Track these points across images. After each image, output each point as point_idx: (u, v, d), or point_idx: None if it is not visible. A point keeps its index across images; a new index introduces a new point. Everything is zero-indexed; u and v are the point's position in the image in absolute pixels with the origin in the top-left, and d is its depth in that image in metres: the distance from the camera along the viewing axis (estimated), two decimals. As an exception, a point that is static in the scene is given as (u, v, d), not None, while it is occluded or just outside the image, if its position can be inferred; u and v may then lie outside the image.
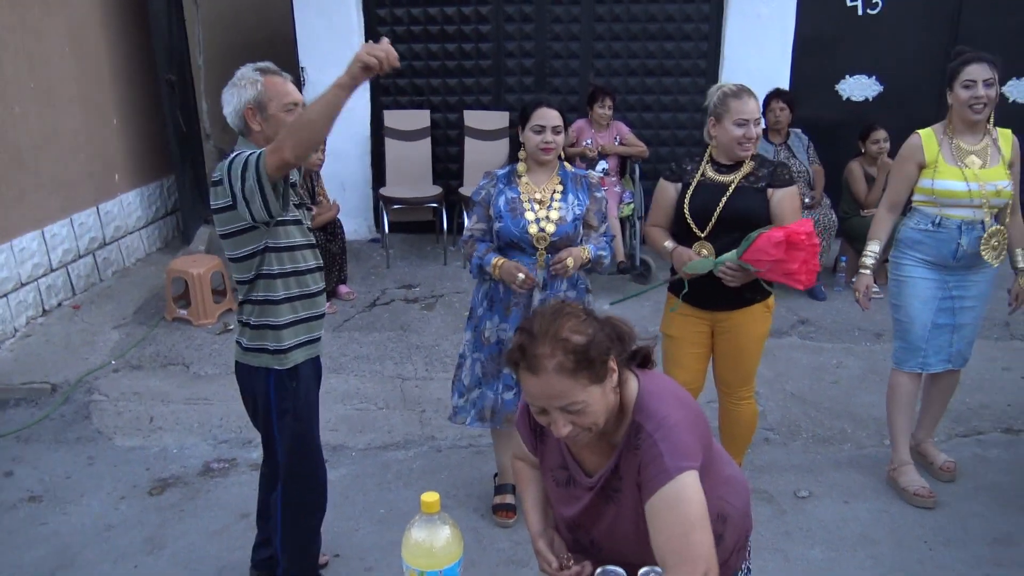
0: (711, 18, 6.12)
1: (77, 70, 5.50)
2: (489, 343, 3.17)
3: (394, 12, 6.32)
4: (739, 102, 2.99)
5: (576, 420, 1.64)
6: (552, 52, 6.32)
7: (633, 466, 1.70)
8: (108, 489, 3.68)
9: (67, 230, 5.39)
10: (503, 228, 3.05)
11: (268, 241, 2.47)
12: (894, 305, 3.48)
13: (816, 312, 5.38)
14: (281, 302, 2.54)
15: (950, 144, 3.26)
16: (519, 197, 3.07)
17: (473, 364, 3.25)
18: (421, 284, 5.79)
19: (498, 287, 3.12)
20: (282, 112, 2.48)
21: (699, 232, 3.08)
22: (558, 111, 3.04)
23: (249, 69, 2.52)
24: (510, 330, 3.13)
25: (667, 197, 3.18)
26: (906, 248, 3.40)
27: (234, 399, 4.32)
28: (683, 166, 3.19)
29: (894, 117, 5.81)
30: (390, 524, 3.39)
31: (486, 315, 3.17)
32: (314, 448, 2.77)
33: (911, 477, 3.54)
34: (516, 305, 3.12)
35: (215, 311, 5.19)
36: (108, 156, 5.86)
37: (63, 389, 4.47)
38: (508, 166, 3.20)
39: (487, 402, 3.21)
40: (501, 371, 3.17)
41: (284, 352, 2.58)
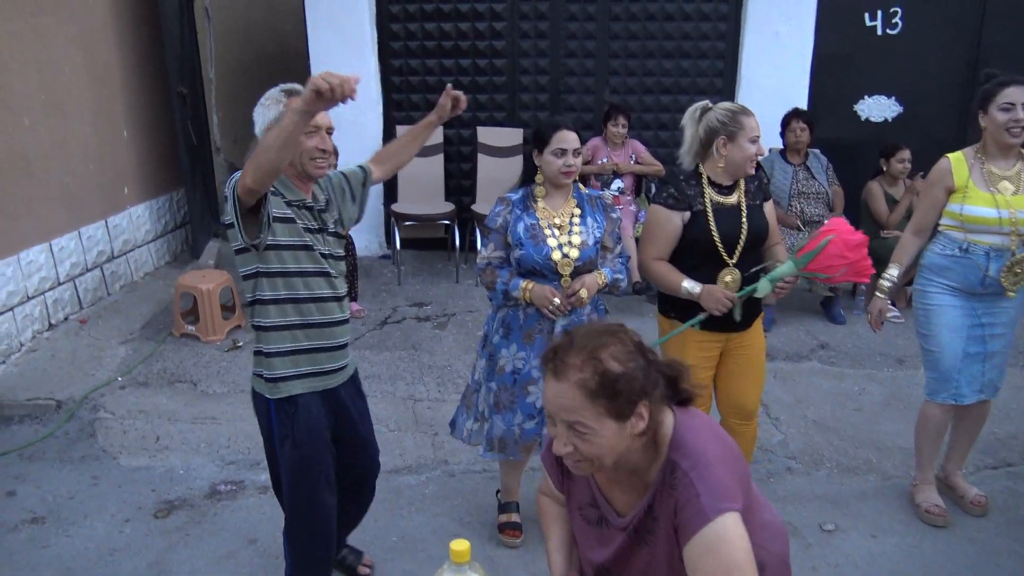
0: (728, 36, 6.06)
1: (88, 81, 5.44)
2: (503, 372, 3.07)
3: (408, 27, 6.27)
4: (750, 119, 2.95)
5: (579, 445, 1.56)
6: (567, 69, 6.25)
7: (669, 507, 1.61)
8: (113, 511, 3.58)
9: (75, 243, 5.32)
10: (525, 256, 2.95)
11: (259, 266, 2.42)
12: (923, 335, 3.37)
13: (836, 336, 5.27)
14: (270, 329, 2.48)
15: (982, 168, 3.16)
16: (538, 223, 2.97)
17: (488, 393, 3.14)
18: (433, 302, 5.69)
19: (517, 314, 3.03)
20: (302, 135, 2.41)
21: (728, 258, 2.99)
22: (576, 132, 2.96)
23: (276, 90, 2.51)
24: (530, 359, 3.03)
25: (673, 227, 2.98)
26: (931, 274, 3.29)
27: (242, 419, 4.27)
28: (685, 192, 3.00)
29: (913, 138, 5.74)
30: (403, 552, 3.29)
31: (502, 343, 3.07)
32: (316, 479, 2.62)
33: (927, 495, 3.49)
34: (540, 332, 3.03)
35: (224, 327, 5.10)
36: (118, 168, 5.79)
37: (68, 406, 4.37)
38: (521, 190, 3.09)
39: (497, 432, 3.12)
40: (517, 400, 3.08)
41: (274, 381, 2.51)
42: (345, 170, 2.76)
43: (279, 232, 2.40)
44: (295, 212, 2.45)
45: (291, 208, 2.44)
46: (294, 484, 2.60)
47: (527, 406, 3.07)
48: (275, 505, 3.56)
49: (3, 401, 4.37)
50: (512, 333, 3.04)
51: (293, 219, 2.43)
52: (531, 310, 2.99)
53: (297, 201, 2.47)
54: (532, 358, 3.03)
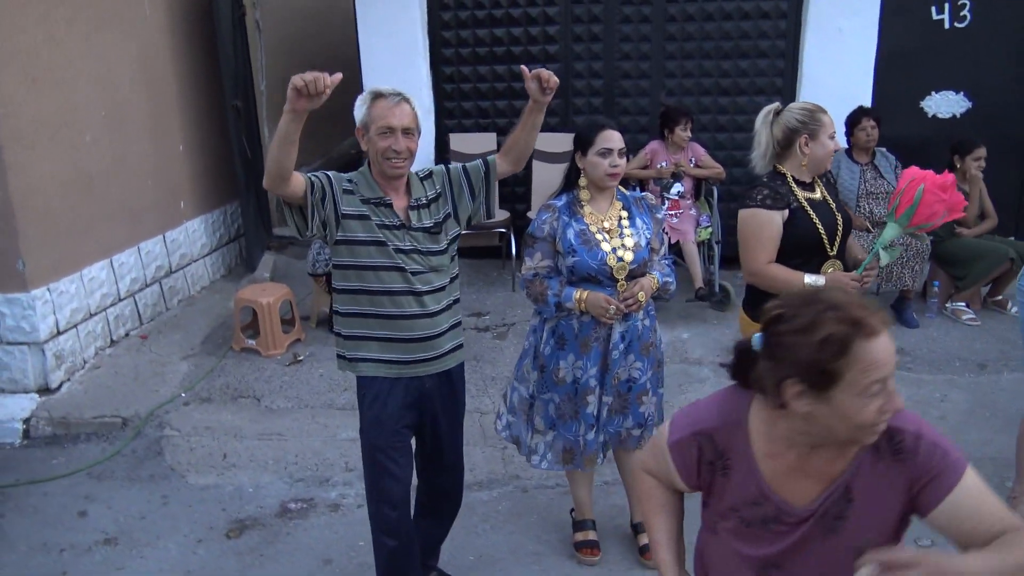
0: (788, 34, 5.89)
1: (145, 96, 5.45)
2: (564, 383, 2.99)
3: (459, 34, 6.20)
4: (826, 116, 2.95)
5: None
6: (621, 72, 6.14)
7: (887, 479, 1.57)
8: (184, 531, 3.54)
9: (134, 258, 5.32)
10: (579, 263, 2.86)
11: (335, 259, 2.63)
12: None
13: (910, 340, 5.08)
14: (345, 315, 2.68)
15: None
16: (588, 228, 2.88)
17: (545, 405, 3.05)
18: (491, 312, 5.61)
19: (571, 324, 2.94)
20: (376, 136, 2.53)
21: (832, 252, 2.94)
22: (620, 132, 2.90)
23: (367, 92, 2.62)
24: (589, 367, 2.96)
25: (776, 227, 2.90)
26: None
27: (308, 435, 4.21)
28: (778, 191, 2.93)
29: (984, 135, 5.51)
30: (481, 572, 3.21)
31: (556, 354, 2.99)
32: (387, 464, 2.71)
33: None
34: (596, 340, 2.95)
35: (284, 341, 5.05)
36: (174, 183, 5.79)
37: (134, 423, 4.36)
38: (564, 196, 2.97)
39: (563, 443, 3.05)
40: (579, 411, 3.00)
41: (348, 360, 2.71)
42: (468, 164, 2.79)
43: (353, 228, 2.56)
44: (371, 209, 2.56)
45: (367, 205, 2.57)
46: (369, 465, 2.76)
47: (588, 416, 3.01)
48: (348, 524, 3.53)
49: (70, 419, 4.37)
50: (567, 343, 2.96)
51: (368, 216, 2.56)
52: (586, 318, 2.91)
53: (375, 199, 2.58)
54: (589, 367, 2.96)
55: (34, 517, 3.69)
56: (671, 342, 5.12)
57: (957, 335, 5.17)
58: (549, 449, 3.08)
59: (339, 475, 3.92)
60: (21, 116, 4.35)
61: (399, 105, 2.53)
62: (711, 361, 4.89)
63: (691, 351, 5.01)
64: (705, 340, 5.14)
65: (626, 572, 3.17)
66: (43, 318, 4.49)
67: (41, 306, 4.47)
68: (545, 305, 2.93)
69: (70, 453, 4.20)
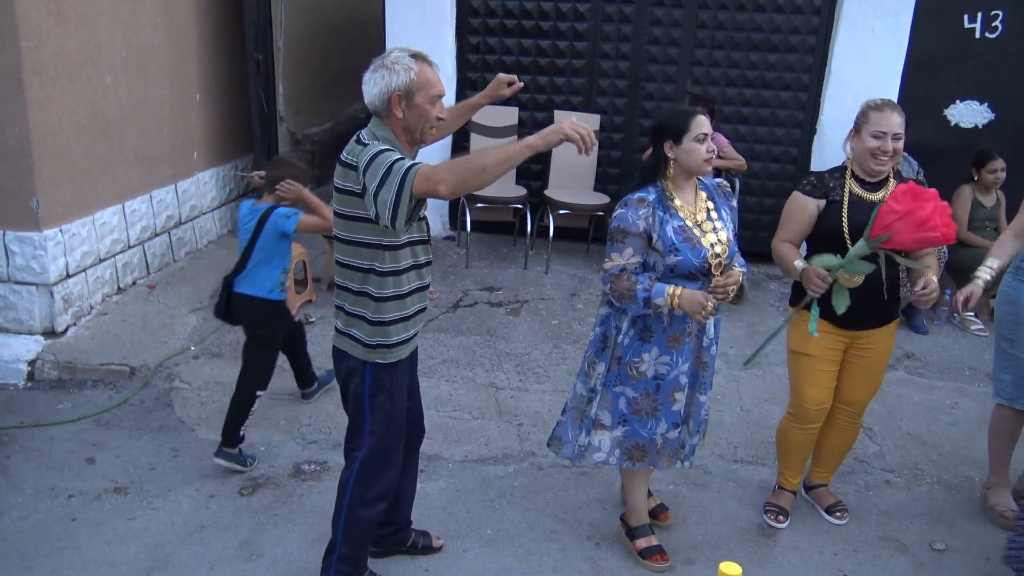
0: (820, 31, 5.85)
1: (167, 41, 5.32)
2: (644, 377, 2.86)
3: (488, 4, 6.10)
4: (880, 114, 2.92)
5: None
6: (649, 56, 6.07)
7: None
8: (196, 485, 3.48)
9: (146, 206, 5.21)
10: (683, 261, 2.72)
11: (383, 238, 2.42)
12: (1008, 339, 3.31)
13: (921, 347, 5.11)
14: (389, 299, 2.50)
15: None
16: (685, 224, 2.77)
17: (615, 399, 2.93)
18: (503, 287, 5.56)
19: (659, 317, 2.80)
20: (426, 103, 2.42)
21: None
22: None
23: (404, 55, 2.42)
24: (679, 363, 2.85)
25: (807, 213, 3.04)
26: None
27: (321, 397, 4.15)
28: (825, 182, 3.05)
29: (1006, 147, 5.54)
30: (500, 547, 3.18)
31: (635, 346, 2.85)
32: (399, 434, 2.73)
33: (1001, 498, 3.46)
34: (689, 336, 2.84)
35: (296, 302, 4.98)
36: (189, 132, 5.67)
37: (142, 373, 4.28)
38: (652, 188, 2.81)
39: (636, 439, 2.93)
40: (660, 408, 2.89)
41: (388, 347, 2.56)
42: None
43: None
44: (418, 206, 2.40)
45: None
46: (381, 445, 2.66)
47: (672, 414, 2.91)
48: (363, 489, 3.47)
49: (76, 364, 4.29)
50: (654, 336, 2.82)
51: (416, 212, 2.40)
52: (678, 313, 2.74)
53: None
54: (680, 363, 2.85)
55: (40, 460, 3.61)
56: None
57: (966, 344, 5.20)
58: (617, 446, 2.95)
59: (352, 440, 3.87)
60: (44, 51, 4.22)
61: (437, 71, 2.47)
62: (723, 352, 4.89)
63: (704, 341, 4.99)
64: (719, 333, 5.12)
65: (645, 555, 3.16)
66: (53, 259, 4.39)
67: (53, 247, 4.37)
68: (632, 302, 2.73)
69: (76, 399, 4.12)
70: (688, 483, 3.66)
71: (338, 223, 2.46)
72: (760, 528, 3.36)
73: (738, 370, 4.69)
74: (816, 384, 3.16)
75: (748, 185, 6.02)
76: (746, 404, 4.33)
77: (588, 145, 2.24)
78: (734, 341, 5.01)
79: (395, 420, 2.67)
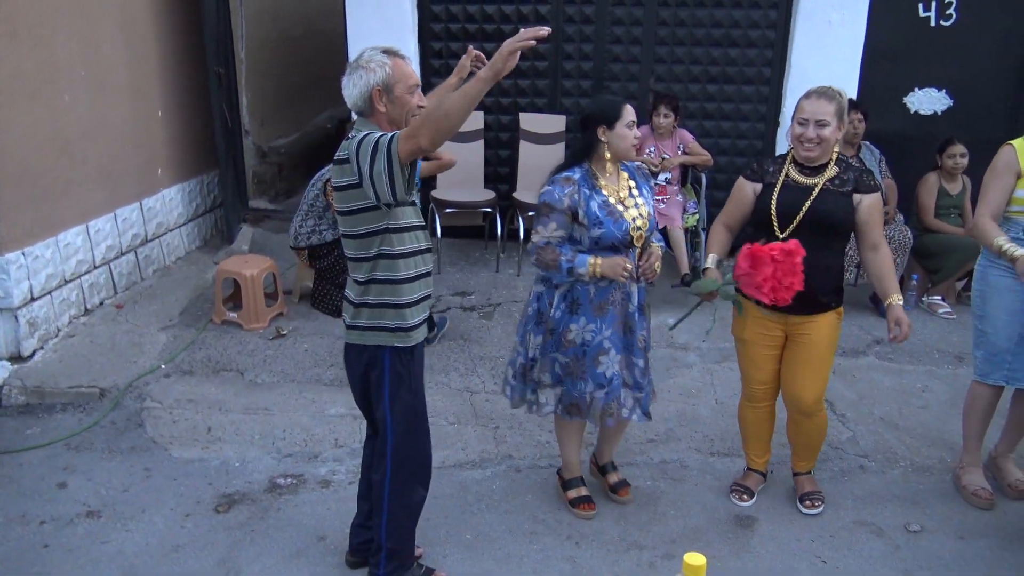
0: (778, 25, 5.91)
1: (127, 57, 5.26)
2: (574, 344, 3.12)
3: (449, 9, 6.10)
4: (807, 101, 3.06)
5: None
6: (612, 55, 6.10)
7: None
8: (171, 505, 3.44)
9: (111, 225, 5.15)
10: (606, 234, 3.00)
11: (388, 222, 2.51)
12: (978, 316, 3.41)
13: (890, 332, 5.16)
14: (402, 282, 2.58)
15: None
16: (608, 200, 3.04)
17: (552, 363, 3.18)
18: (476, 291, 5.56)
19: (586, 289, 3.07)
20: (406, 94, 2.52)
21: (779, 233, 3.09)
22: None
23: (376, 52, 2.54)
24: (603, 330, 3.10)
25: (744, 196, 3.24)
26: (994, 257, 3.31)
27: (295, 410, 4.13)
28: (764, 167, 3.22)
29: (964, 133, 5.62)
30: (480, 551, 3.17)
31: (566, 318, 3.11)
32: (425, 425, 2.80)
33: (973, 477, 3.53)
34: (613, 304, 3.08)
35: (267, 315, 4.95)
36: (152, 149, 5.62)
37: (112, 394, 4.23)
38: (578, 168, 3.07)
39: (569, 398, 3.19)
40: (587, 371, 3.13)
41: (407, 330, 2.62)
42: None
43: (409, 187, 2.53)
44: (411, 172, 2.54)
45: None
46: (407, 431, 2.70)
47: (598, 376, 3.13)
48: (340, 500, 3.47)
49: (45, 388, 4.23)
50: (581, 307, 3.09)
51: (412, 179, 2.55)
52: (603, 283, 3.05)
53: None
54: (604, 329, 3.09)
55: (10, 487, 3.55)
56: (656, 327, 5.11)
57: (934, 328, 5.27)
58: (559, 401, 3.22)
59: (328, 451, 3.85)
60: (0, 71, 4.16)
61: (409, 63, 2.58)
62: (697, 347, 4.92)
63: (677, 337, 5.02)
64: (691, 326, 5.14)
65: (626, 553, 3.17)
66: (17, 283, 4.32)
67: (15, 271, 4.30)
68: (557, 271, 3.03)
69: (45, 423, 4.06)
70: (666, 477, 3.68)
71: (344, 220, 2.55)
72: (738, 519, 3.39)
73: (712, 364, 4.72)
74: (757, 366, 3.33)
75: (715, 180, 6.06)
76: (720, 397, 4.36)
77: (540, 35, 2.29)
78: (706, 335, 5.04)
79: (417, 407, 2.74)
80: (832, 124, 3.00)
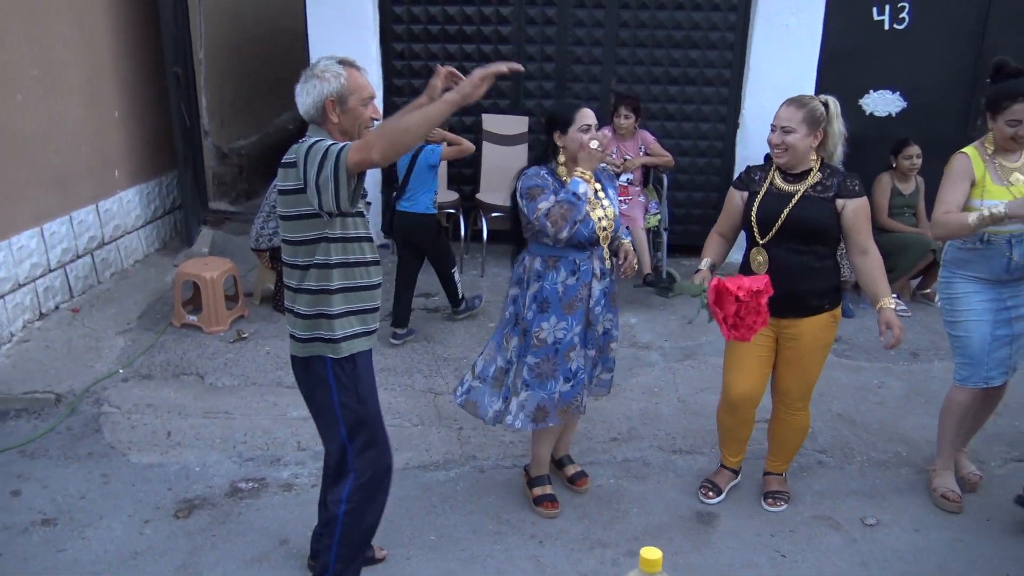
0: (737, 27, 5.99)
1: (82, 58, 5.17)
2: (545, 344, 3.15)
3: (411, 10, 6.09)
4: (781, 107, 3.09)
5: None
6: (574, 57, 6.14)
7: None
8: (129, 511, 3.39)
9: (66, 228, 5.06)
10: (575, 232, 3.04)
11: (327, 231, 2.47)
12: (950, 323, 3.43)
13: (847, 329, 5.26)
14: (335, 292, 2.53)
15: (993, 164, 3.24)
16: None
17: (524, 367, 3.19)
18: (439, 293, 5.53)
19: (555, 289, 3.12)
20: (359, 106, 2.50)
21: (760, 239, 3.13)
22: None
23: (332, 62, 2.49)
24: (574, 327, 3.15)
25: (733, 205, 3.30)
26: (955, 268, 3.36)
27: (256, 413, 4.09)
28: (751, 175, 3.26)
29: (917, 133, 5.75)
30: (444, 552, 3.17)
31: (538, 317, 3.14)
32: (381, 432, 2.73)
33: (944, 480, 3.54)
34: (580, 301, 3.12)
35: (227, 318, 4.89)
36: (109, 151, 5.52)
37: (69, 399, 4.15)
38: (544, 168, 3.12)
39: (536, 402, 3.19)
40: (558, 368, 3.17)
41: (338, 342, 2.55)
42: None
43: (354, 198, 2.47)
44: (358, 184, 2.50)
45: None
46: (364, 442, 2.64)
47: (567, 370, 3.18)
48: (302, 504, 3.44)
49: (-2, 394, 4.13)
50: (551, 307, 3.12)
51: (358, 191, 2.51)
52: (570, 282, 3.11)
53: None
54: (575, 326, 3.15)
55: (-38, 496, 3.47)
56: (619, 327, 5.16)
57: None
58: (522, 410, 3.21)
59: (291, 454, 3.82)
60: (-52, 71, 4.07)
61: (365, 75, 2.56)
62: (659, 346, 4.97)
63: (640, 336, 5.07)
64: (653, 325, 5.21)
65: (584, 536, 3.19)
66: (-32, 287, 4.23)
67: (-33, 275, 4.21)
68: (572, 209, 2.97)
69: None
70: (629, 476, 3.70)
71: (284, 225, 2.50)
72: (699, 515, 3.42)
73: (675, 362, 4.77)
74: (742, 369, 3.27)
75: (677, 180, 6.13)
76: (683, 395, 4.40)
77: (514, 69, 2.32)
78: (668, 334, 5.09)
79: (367, 417, 2.66)
80: (799, 131, 3.01)
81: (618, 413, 4.20)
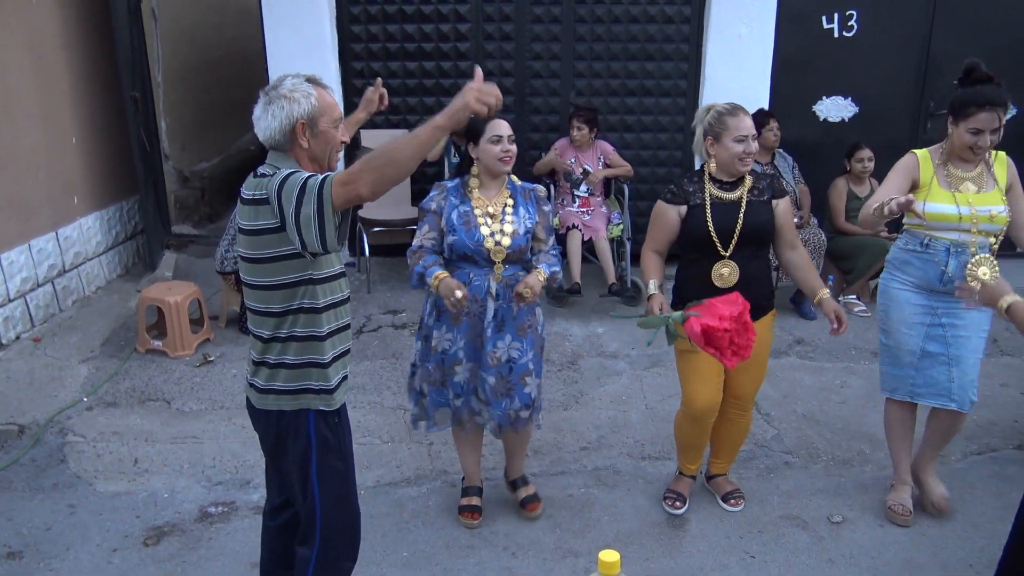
0: (691, 39, 6.11)
1: (37, 83, 5.12)
2: (436, 352, 3.18)
3: (369, 29, 6.12)
4: (735, 119, 3.08)
5: None
6: (532, 71, 6.20)
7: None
8: (97, 540, 3.35)
9: (25, 257, 4.99)
10: (457, 241, 3.05)
11: (313, 272, 2.23)
12: (882, 330, 3.42)
13: (809, 331, 5.36)
14: (325, 338, 2.31)
15: (944, 170, 3.22)
16: (472, 211, 3.08)
17: (425, 372, 3.25)
18: (407, 309, 5.56)
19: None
20: (331, 128, 2.29)
21: (723, 251, 3.12)
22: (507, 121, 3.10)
23: (300, 81, 2.26)
24: (458, 340, 3.14)
25: (669, 220, 3.21)
26: (894, 269, 3.36)
27: (225, 436, 4.07)
28: (685, 188, 3.20)
29: (870, 138, 5.89)
30: (416, 568, 3.18)
31: (434, 324, 3.18)
32: (354, 491, 2.54)
33: (897, 493, 3.50)
34: (467, 315, 3.10)
35: (192, 342, 4.86)
36: (67, 177, 5.47)
37: (32, 430, 4.09)
38: (457, 179, 3.19)
39: (437, 407, 3.26)
40: (447, 379, 3.20)
41: (331, 392, 2.36)
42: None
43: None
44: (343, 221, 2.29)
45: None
46: (338, 500, 2.42)
47: (455, 384, 3.20)
48: (274, 526, 3.41)
49: (-41, 428, 4.06)
50: (443, 315, 3.13)
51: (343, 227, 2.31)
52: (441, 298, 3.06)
53: None
54: (458, 339, 3.14)
55: (-77, 533, 3.41)
56: (587, 337, 5.22)
57: (851, 326, 5.34)
58: (424, 416, 3.30)
59: (260, 477, 3.75)
60: (-101, 101, 4.01)
61: (332, 93, 2.37)
62: (626, 354, 5.02)
63: (607, 345, 5.12)
64: (619, 334, 5.27)
65: (537, 552, 3.22)
66: (-75, 320, 4.16)
67: (-77, 307, 4.14)
68: (413, 274, 3.09)
69: (-40, 464, 3.90)
70: (599, 484, 3.74)
71: (254, 269, 2.23)
72: (670, 520, 3.47)
73: (642, 370, 4.82)
74: (703, 380, 3.23)
75: (638, 190, 6.21)
76: (650, 402, 4.46)
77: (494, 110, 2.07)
78: (635, 343, 5.14)
79: (348, 475, 2.45)
80: (757, 136, 3.14)
81: (587, 422, 4.24)
